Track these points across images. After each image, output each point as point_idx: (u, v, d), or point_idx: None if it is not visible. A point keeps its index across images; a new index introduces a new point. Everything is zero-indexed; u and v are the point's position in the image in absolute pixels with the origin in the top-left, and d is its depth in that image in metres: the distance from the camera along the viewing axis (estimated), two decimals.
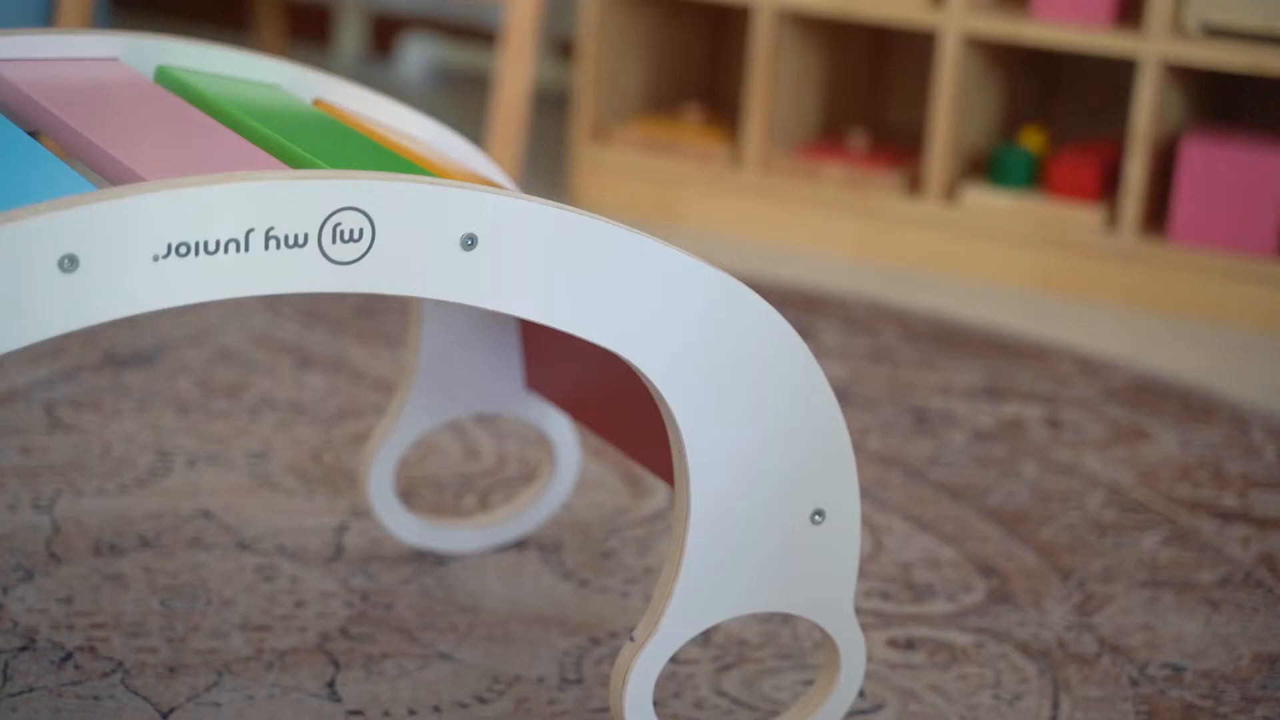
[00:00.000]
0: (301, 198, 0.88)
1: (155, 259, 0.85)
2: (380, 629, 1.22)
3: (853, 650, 1.07)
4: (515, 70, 2.17)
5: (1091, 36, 2.08)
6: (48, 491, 1.38)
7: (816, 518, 1.04)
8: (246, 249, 0.88)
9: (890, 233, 2.22)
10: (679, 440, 1.00)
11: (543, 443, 1.55)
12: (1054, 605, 1.31)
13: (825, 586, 1.05)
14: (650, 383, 0.98)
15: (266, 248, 0.88)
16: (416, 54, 3.09)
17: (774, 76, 2.24)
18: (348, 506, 1.40)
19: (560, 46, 2.94)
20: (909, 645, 1.24)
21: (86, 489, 1.40)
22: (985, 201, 2.17)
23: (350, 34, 3.16)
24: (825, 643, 1.08)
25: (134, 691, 1.11)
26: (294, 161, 1.00)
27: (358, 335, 1.79)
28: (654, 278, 0.96)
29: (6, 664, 1.13)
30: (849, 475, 1.04)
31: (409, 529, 1.32)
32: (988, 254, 2.17)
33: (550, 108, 2.83)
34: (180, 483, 1.42)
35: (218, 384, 1.63)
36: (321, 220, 0.89)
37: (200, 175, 0.87)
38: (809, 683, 1.19)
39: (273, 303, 1.85)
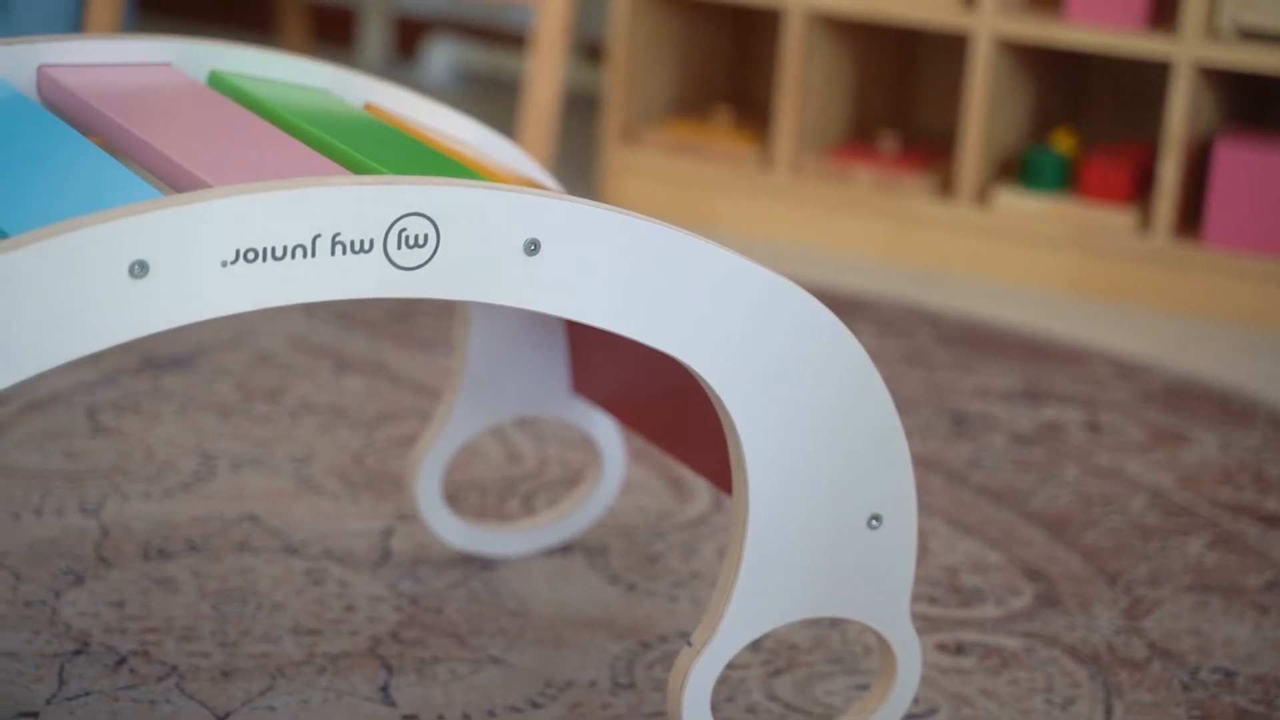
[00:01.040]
0: (368, 203, 0.88)
1: (224, 265, 0.86)
2: (431, 633, 1.22)
3: (909, 655, 1.07)
4: (545, 73, 2.17)
5: (1125, 39, 2.08)
6: (94, 495, 1.39)
7: (873, 522, 1.04)
8: (313, 255, 0.88)
9: (921, 235, 2.22)
10: (738, 446, 1.00)
11: (584, 446, 1.55)
12: (1102, 610, 1.31)
13: (882, 591, 1.05)
14: (709, 388, 0.98)
15: (333, 253, 0.88)
16: (440, 56, 3.09)
17: (804, 79, 2.24)
18: (393, 510, 1.40)
19: (587, 49, 2.94)
20: (959, 650, 1.24)
21: (132, 493, 1.40)
22: (1017, 204, 2.17)
23: (374, 36, 3.17)
24: (881, 647, 1.07)
25: (189, 696, 1.11)
26: (355, 167, 1.00)
27: (394, 339, 1.79)
28: (714, 282, 0.96)
29: (62, 668, 1.13)
30: (906, 479, 1.04)
31: (456, 533, 1.32)
32: (1019, 257, 2.17)
33: (576, 110, 2.83)
34: (225, 486, 1.42)
35: (257, 388, 1.63)
36: (387, 226, 0.89)
37: (267, 181, 0.87)
38: (861, 687, 1.19)
39: (309, 306, 1.85)
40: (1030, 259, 2.16)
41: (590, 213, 0.93)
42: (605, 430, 1.35)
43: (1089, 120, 2.38)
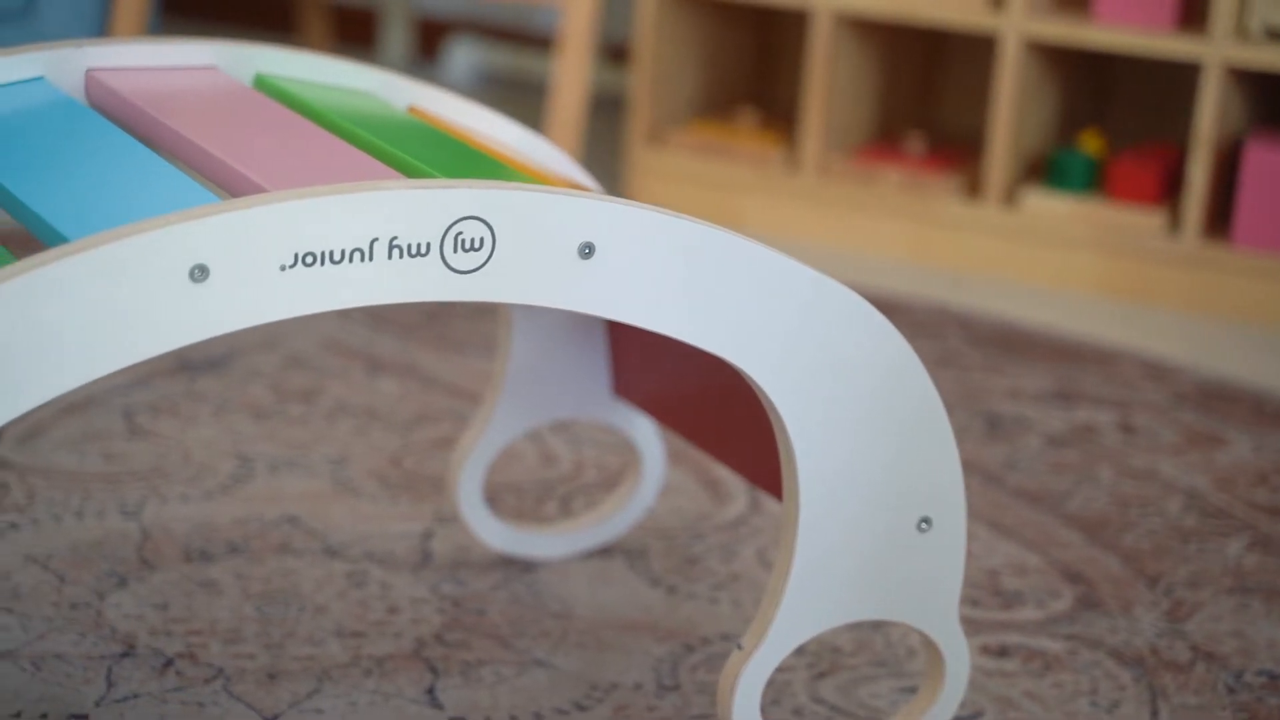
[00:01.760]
0: (425, 207, 0.88)
1: (282, 269, 0.86)
2: (474, 635, 1.22)
3: (957, 658, 1.07)
4: (572, 74, 2.17)
5: (1154, 40, 2.07)
6: (133, 498, 1.39)
7: (923, 525, 1.04)
8: (370, 258, 0.88)
9: (948, 236, 2.21)
10: (789, 449, 1.00)
11: (619, 449, 1.55)
12: (1143, 612, 1.31)
13: (931, 594, 1.05)
14: (761, 391, 0.98)
15: (390, 257, 0.88)
16: (462, 57, 3.09)
17: (831, 80, 2.24)
18: (431, 512, 1.40)
19: (609, 50, 2.94)
20: (1002, 652, 1.24)
21: (171, 495, 1.40)
22: (1045, 205, 2.16)
23: (395, 38, 3.17)
24: (928, 651, 1.07)
25: (237, 697, 1.12)
26: (407, 170, 1.00)
27: (425, 341, 1.79)
28: (765, 284, 0.96)
29: (109, 670, 1.14)
30: (955, 482, 1.04)
31: (498, 535, 1.32)
32: (1047, 258, 2.17)
33: (598, 111, 2.83)
34: (263, 488, 1.42)
35: (291, 389, 1.64)
36: (444, 229, 0.89)
37: (325, 185, 0.87)
38: (905, 690, 1.19)
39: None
40: (1058, 260, 2.16)
41: (644, 215, 0.93)
42: (645, 433, 1.35)
43: (1113, 121, 2.38)
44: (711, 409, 1.20)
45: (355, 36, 3.22)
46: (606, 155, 2.61)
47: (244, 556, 1.31)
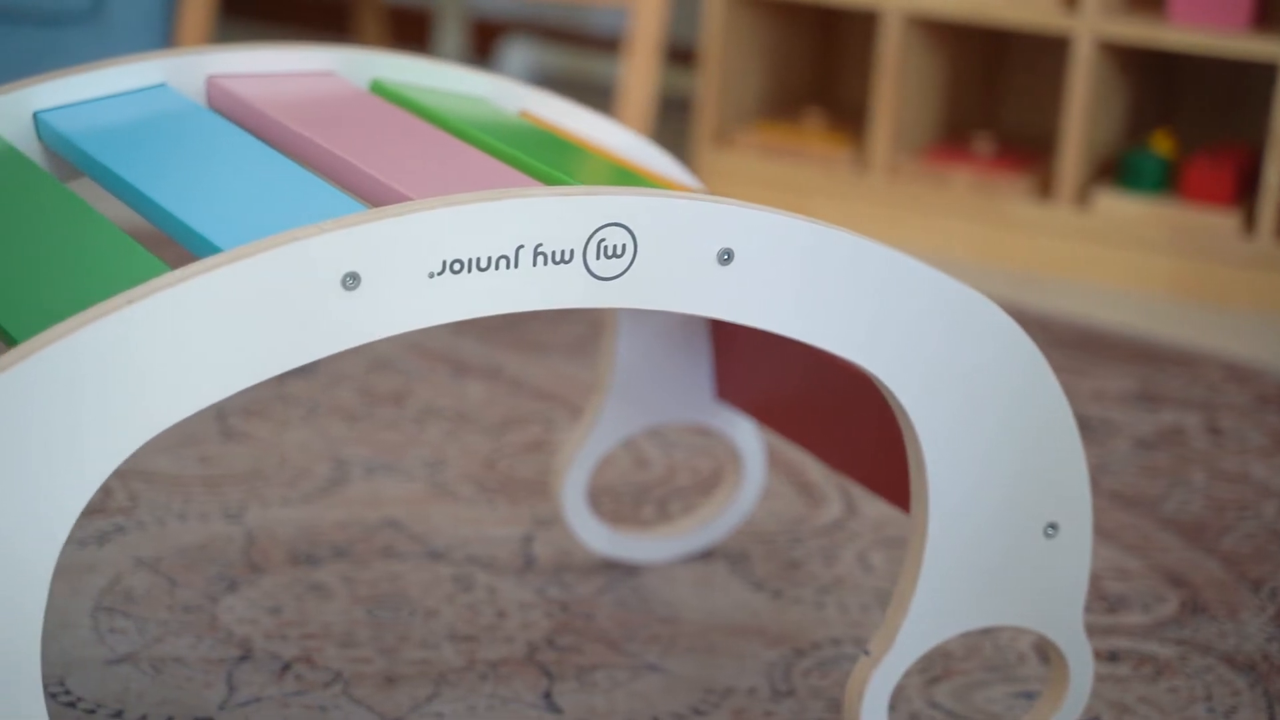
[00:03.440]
0: (569, 214, 0.88)
1: (430, 276, 0.86)
2: (585, 639, 1.22)
3: (1082, 664, 1.07)
4: (640, 77, 2.17)
5: (1230, 40, 2.07)
6: (234, 501, 1.39)
7: (1049, 531, 1.04)
8: (515, 265, 0.88)
9: (1019, 238, 2.21)
10: (919, 454, 1.00)
11: (710, 451, 1.55)
12: (1249, 616, 1.31)
13: (1056, 600, 1.05)
14: (893, 397, 0.98)
15: (534, 264, 0.88)
16: (517, 58, 3.10)
17: (901, 81, 2.24)
18: (529, 516, 1.41)
19: (668, 52, 2.94)
20: (1112, 657, 1.24)
21: (271, 498, 1.40)
22: (1118, 206, 2.16)
23: (450, 38, 3.17)
24: (1052, 656, 1.07)
25: (358, 702, 1.12)
26: (539, 176, 1.00)
27: (507, 344, 1.79)
28: (902, 290, 0.96)
29: (229, 674, 1.14)
30: (1082, 488, 1.04)
31: (601, 539, 1.32)
32: (1120, 259, 2.16)
33: (659, 113, 2.83)
34: (361, 492, 1.43)
35: (380, 392, 1.64)
36: (587, 236, 0.89)
37: (472, 193, 0.87)
38: (1019, 695, 1.18)
39: None
40: (1131, 261, 2.16)
41: (782, 221, 0.93)
42: (746, 436, 1.35)
43: (1181, 121, 2.37)
44: (821, 412, 1.20)
45: (410, 37, 3.23)
46: (671, 157, 2.61)
47: (349, 560, 1.31)
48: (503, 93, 1.20)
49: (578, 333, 1.84)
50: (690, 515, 1.39)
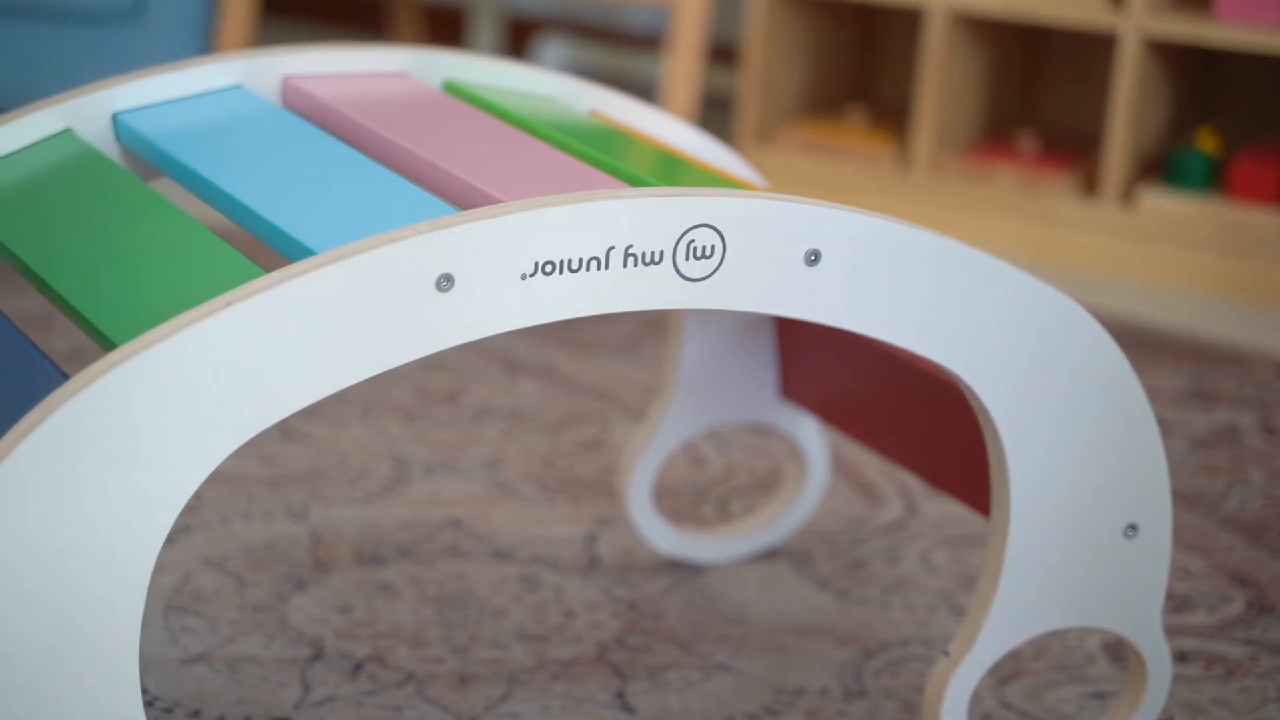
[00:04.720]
0: (659, 215, 0.88)
1: (523, 277, 0.86)
2: (654, 639, 1.22)
3: (1160, 664, 1.07)
4: (683, 75, 2.17)
5: (1277, 38, 2.06)
6: (297, 501, 1.39)
7: (1129, 532, 1.03)
8: (606, 266, 0.88)
9: (1064, 236, 2.20)
10: (1001, 456, 0.99)
11: (767, 451, 1.55)
12: None
13: (1136, 601, 1.05)
14: (976, 399, 0.98)
15: (625, 265, 0.88)
16: (552, 56, 3.09)
17: (945, 78, 2.23)
18: (591, 515, 1.41)
19: (711, 50, 2.94)
20: (1182, 658, 1.23)
21: (333, 498, 1.41)
22: (1163, 204, 2.15)
23: (484, 36, 3.17)
24: (1131, 656, 1.07)
25: (432, 701, 1.12)
26: (622, 177, 1.00)
27: (559, 343, 1.79)
28: (988, 294, 0.96)
29: (303, 673, 1.14)
30: (1162, 489, 1.03)
31: (666, 539, 1.32)
32: (1166, 257, 2.16)
33: (701, 111, 2.83)
34: (423, 491, 1.43)
35: (435, 392, 1.64)
36: (677, 237, 0.89)
37: (562, 195, 0.87)
38: (1091, 695, 1.18)
39: None
40: (1178, 259, 2.15)
41: (869, 222, 0.93)
42: (810, 436, 1.35)
43: (1224, 119, 2.36)
44: (894, 411, 1.20)
45: (445, 35, 3.23)
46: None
47: (415, 559, 1.31)
48: (572, 92, 1.20)
49: (628, 332, 1.84)
50: (753, 515, 1.39)
